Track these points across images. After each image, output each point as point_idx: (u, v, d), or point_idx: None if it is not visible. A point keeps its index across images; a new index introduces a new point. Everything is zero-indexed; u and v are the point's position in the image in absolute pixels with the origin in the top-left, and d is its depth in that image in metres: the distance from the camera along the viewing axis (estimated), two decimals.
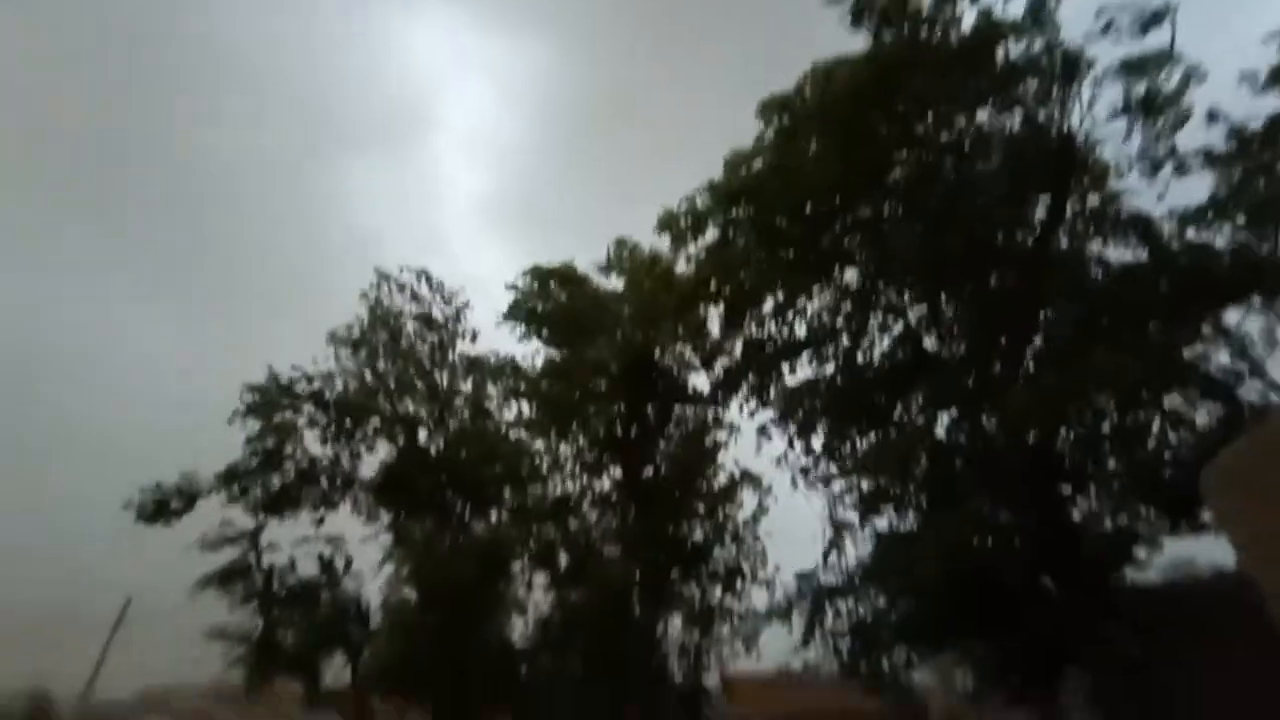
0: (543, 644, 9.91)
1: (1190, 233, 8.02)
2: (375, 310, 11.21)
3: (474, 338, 11.85)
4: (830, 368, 9.17)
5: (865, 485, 9.32)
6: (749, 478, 10.42)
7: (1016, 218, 7.85)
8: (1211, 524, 7.23)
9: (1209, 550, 9.70)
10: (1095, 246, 8.14)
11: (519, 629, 10.62)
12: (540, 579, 10.29)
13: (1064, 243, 7.97)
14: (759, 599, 10.23)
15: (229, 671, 9.62)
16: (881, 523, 10.16)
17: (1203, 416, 8.68)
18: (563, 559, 9.93)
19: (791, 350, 9.10)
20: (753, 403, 9.54)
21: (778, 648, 10.65)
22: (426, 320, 11.52)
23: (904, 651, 10.04)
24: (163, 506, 9.40)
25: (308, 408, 10.22)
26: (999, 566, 8.72)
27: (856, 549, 10.50)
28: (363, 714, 9.71)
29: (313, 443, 10.37)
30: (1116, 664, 7.52)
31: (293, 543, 10.09)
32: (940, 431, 9.06)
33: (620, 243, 11.18)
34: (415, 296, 11.53)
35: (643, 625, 9.27)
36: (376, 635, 9.92)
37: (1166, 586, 9.93)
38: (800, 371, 9.35)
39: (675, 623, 10.06)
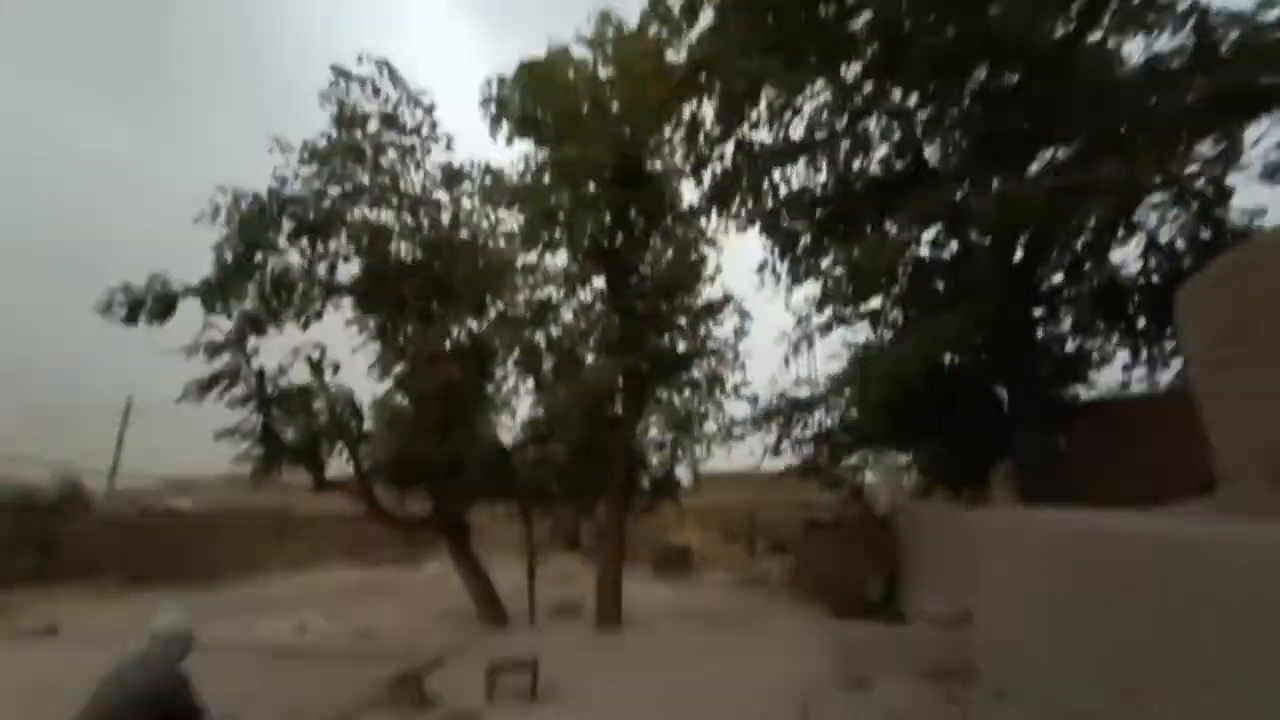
0: (531, 439, 10.73)
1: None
2: (339, 115, 10.22)
3: (449, 144, 10.98)
4: (824, 176, 8.76)
5: (842, 298, 9.49)
6: (731, 300, 10.52)
7: (1049, 3, 6.95)
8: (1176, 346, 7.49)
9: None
10: (1132, 43, 7.36)
11: (508, 427, 11.45)
12: (525, 383, 10.82)
13: (1097, 36, 7.17)
14: (733, 409, 10.97)
15: (239, 463, 10.29)
16: (854, 337, 10.61)
17: (1183, 237, 8.68)
18: (546, 362, 10.30)
19: (786, 155, 8.57)
20: (741, 213, 9.27)
21: (746, 450, 11.69)
22: (392, 122, 10.53)
23: (861, 453, 11.07)
24: (137, 309, 9.28)
25: (278, 219, 9.65)
26: (961, 378, 9.27)
27: (822, 364, 11.10)
28: (368, 500, 10.56)
29: (286, 252, 10.05)
30: (1044, 457, 8.32)
31: (282, 351, 10.26)
32: (925, 248, 9.04)
33: (604, 16, 9.80)
34: (378, 92, 10.42)
35: (624, 423, 9.92)
36: (373, 432, 10.57)
37: (1104, 401, 10.77)
38: (793, 181, 8.97)
39: (655, 423, 10.85)
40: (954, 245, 8.90)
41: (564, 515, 11.26)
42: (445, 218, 10.90)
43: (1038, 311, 9.56)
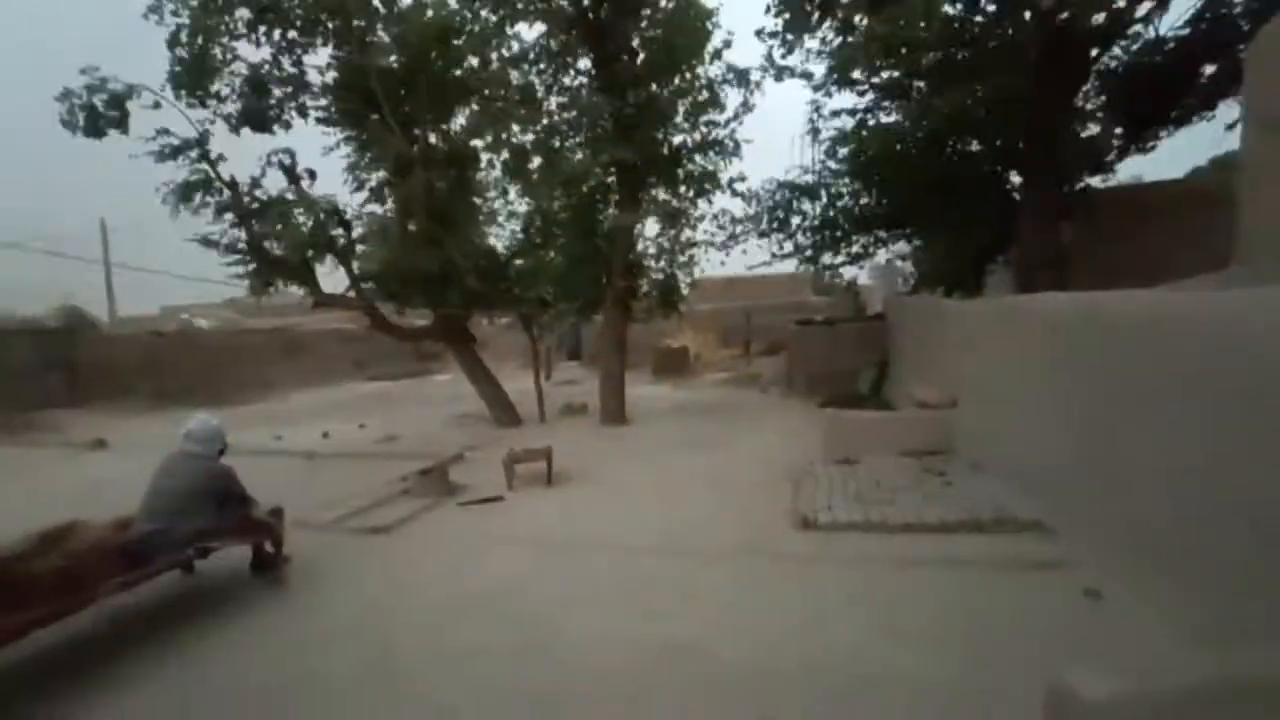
0: (526, 246, 10.46)
1: None
2: None
3: None
4: None
5: (856, 69, 8.58)
6: (740, 74, 9.41)
7: None
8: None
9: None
10: None
11: (500, 236, 11.15)
12: (514, 187, 10.26)
13: None
14: (733, 205, 10.56)
15: (232, 284, 10.16)
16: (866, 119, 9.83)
17: None
18: (533, 162, 9.63)
19: None
20: None
21: (742, 252, 11.47)
22: None
23: (860, 241, 10.84)
24: (95, 119, 8.50)
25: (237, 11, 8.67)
26: (973, 163, 8.74)
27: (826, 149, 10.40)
28: (368, 311, 10.60)
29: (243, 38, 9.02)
30: (1047, 249, 8.20)
31: (255, 157, 9.63)
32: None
33: None
34: None
35: (620, 226, 9.57)
36: (361, 243, 10.27)
37: (1110, 190, 10.39)
38: None
39: (652, 224, 10.51)
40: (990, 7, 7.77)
41: (564, 324, 11.37)
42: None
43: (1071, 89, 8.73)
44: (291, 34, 9.23)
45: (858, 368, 11.38)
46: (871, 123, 9.54)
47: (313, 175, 9.73)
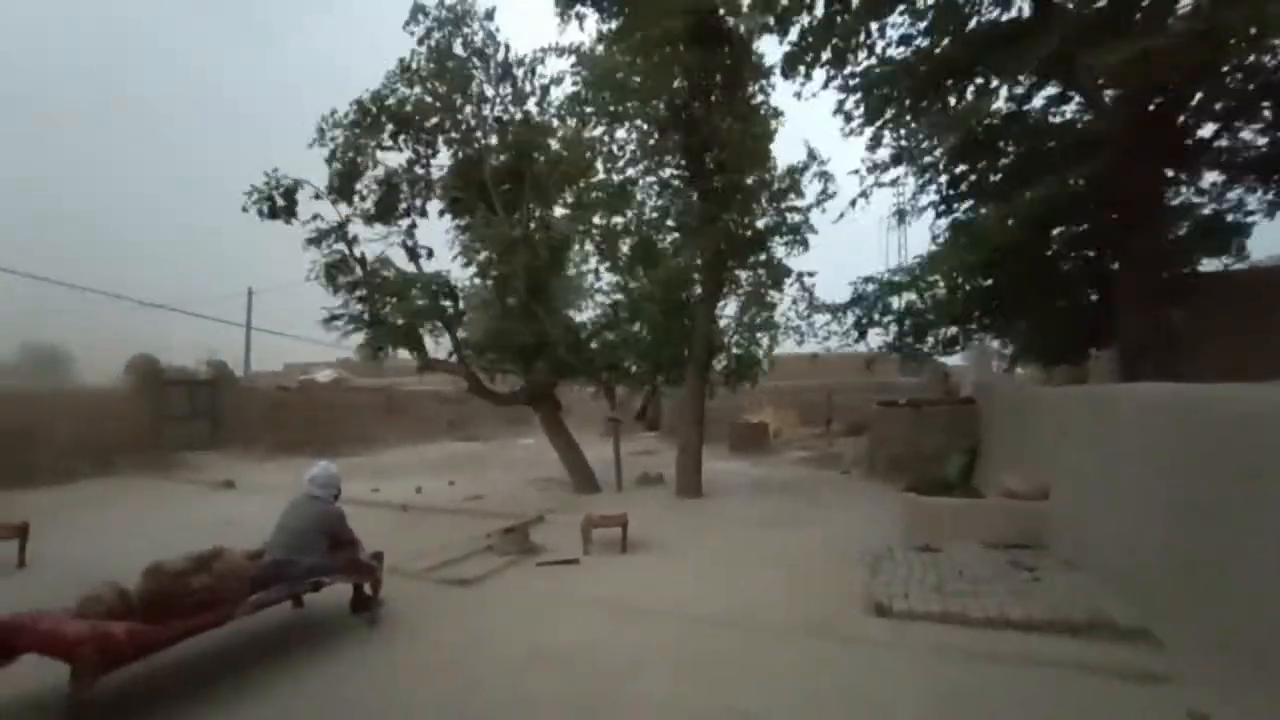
0: (612, 321, 11.14)
1: None
2: (431, 48, 10.57)
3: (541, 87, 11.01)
4: (926, 24, 7.70)
5: (940, 167, 8.75)
6: (816, 158, 9.90)
7: None
8: None
9: None
10: None
11: (589, 309, 11.94)
12: (604, 266, 11.08)
13: None
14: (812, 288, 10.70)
15: (352, 348, 11.47)
16: (952, 214, 9.93)
17: None
18: (624, 246, 10.41)
19: (885, 3, 7.56)
20: (827, 74, 8.45)
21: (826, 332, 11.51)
22: (480, 56, 10.83)
23: (948, 334, 10.66)
24: (272, 206, 10.40)
25: (385, 124, 10.70)
26: (1067, 250, 8.50)
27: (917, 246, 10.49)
28: (468, 376, 11.54)
29: (388, 150, 11.04)
30: (1154, 336, 7.74)
31: (383, 240, 11.31)
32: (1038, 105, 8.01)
33: None
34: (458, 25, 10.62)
35: (704, 304, 10.03)
36: (465, 315, 11.37)
37: (1231, 273, 9.69)
38: (890, 33, 7.99)
39: (732, 304, 10.91)
40: (1076, 100, 7.83)
41: (645, 396, 11.76)
42: (524, 110, 11.08)
43: (1170, 172, 8.44)
44: (420, 144, 11.14)
45: (945, 452, 10.92)
46: (960, 218, 9.59)
47: (430, 254, 11.04)
